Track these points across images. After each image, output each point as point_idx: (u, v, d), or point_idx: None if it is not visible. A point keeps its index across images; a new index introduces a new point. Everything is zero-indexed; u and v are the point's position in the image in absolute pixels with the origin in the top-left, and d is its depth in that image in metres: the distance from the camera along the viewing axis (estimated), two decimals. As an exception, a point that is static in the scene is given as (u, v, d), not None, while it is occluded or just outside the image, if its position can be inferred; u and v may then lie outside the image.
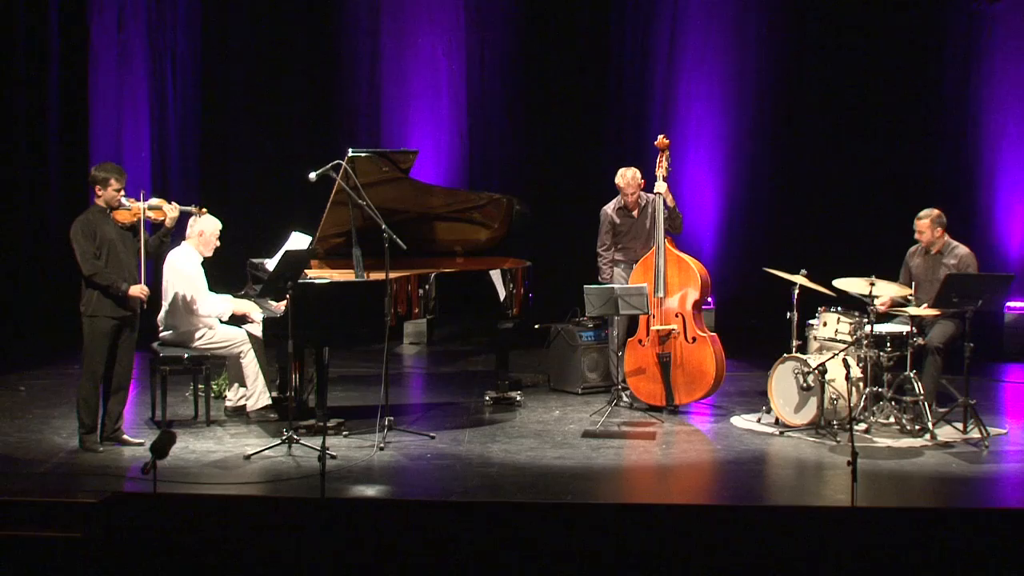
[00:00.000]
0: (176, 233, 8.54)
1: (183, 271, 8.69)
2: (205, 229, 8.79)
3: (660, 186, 9.34)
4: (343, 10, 12.91)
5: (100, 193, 8.05)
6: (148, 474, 6.68)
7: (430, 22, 12.87)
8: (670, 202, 9.37)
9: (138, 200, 8.14)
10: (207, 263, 8.88)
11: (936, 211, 9.08)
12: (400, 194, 8.98)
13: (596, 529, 6.90)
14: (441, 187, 10.22)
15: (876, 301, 8.65)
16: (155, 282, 8.90)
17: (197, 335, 8.71)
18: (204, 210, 8.61)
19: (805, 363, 8.63)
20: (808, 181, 12.74)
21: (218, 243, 8.86)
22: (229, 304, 8.87)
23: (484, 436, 8.62)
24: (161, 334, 8.80)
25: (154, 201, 8.23)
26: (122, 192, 8.08)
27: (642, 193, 9.62)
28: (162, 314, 8.80)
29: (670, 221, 9.38)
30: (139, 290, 8.03)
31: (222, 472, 7.69)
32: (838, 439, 8.37)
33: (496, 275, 9.21)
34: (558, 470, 7.80)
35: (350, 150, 8.55)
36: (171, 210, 8.23)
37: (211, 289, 8.84)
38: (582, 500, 7.19)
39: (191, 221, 8.75)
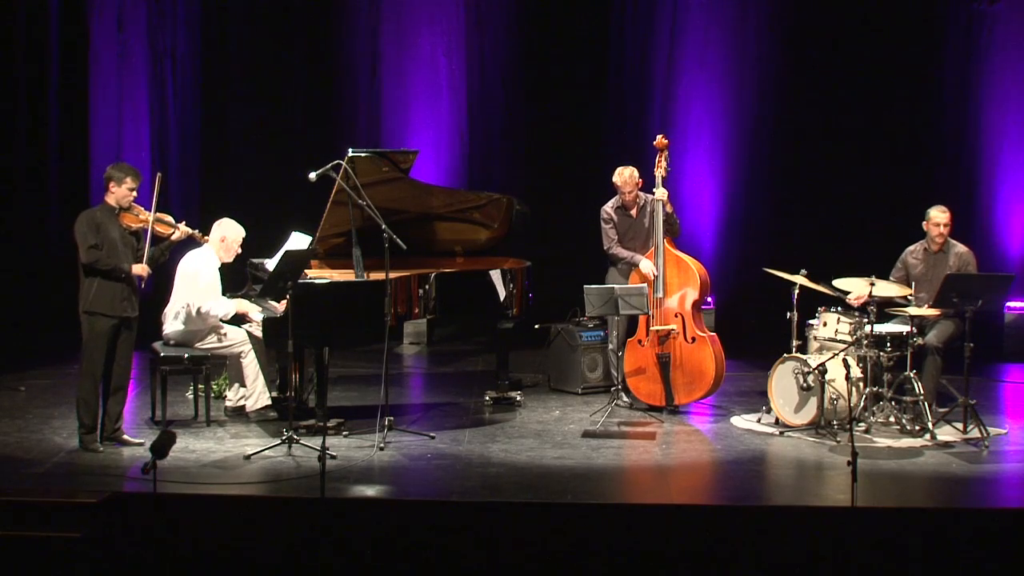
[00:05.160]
0: (183, 243, 8.53)
1: (199, 272, 8.67)
2: (228, 235, 8.80)
3: (660, 192, 9.31)
4: (343, 10, 12.90)
5: (113, 190, 8.03)
6: (148, 474, 6.68)
7: (430, 22, 12.85)
8: (668, 208, 9.36)
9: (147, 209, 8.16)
10: (209, 264, 8.88)
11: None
12: (400, 194, 8.98)
13: (596, 529, 6.90)
14: (441, 187, 10.21)
15: (849, 296, 8.69)
16: (155, 288, 8.91)
17: (207, 337, 8.70)
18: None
19: (805, 363, 8.63)
20: (808, 181, 12.71)
21: (240, 250, 8.87)
22: (232, 304, 8.87)
23: (484, 436, 8.62)
24: (166, 332, 8.78)
25: (165, 217, 8.26)
26: (135, 194, 8.08)
27: (640, 193, 9.60)
28: (168, 311, 8.78)
29: (668, 226, 9.37)
30: (141, 268, 8.04)
31: (222, 472, 7.69)
32: (838, 439, 8.37)
33: (496, 275, 9.21)
34: (558, 470, 7.80)
35: (350, 150, 8.55)
36: (179, 229, 8.25)
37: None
38: (582, 500, 7.19)
39: (214, 226, 8.77)
